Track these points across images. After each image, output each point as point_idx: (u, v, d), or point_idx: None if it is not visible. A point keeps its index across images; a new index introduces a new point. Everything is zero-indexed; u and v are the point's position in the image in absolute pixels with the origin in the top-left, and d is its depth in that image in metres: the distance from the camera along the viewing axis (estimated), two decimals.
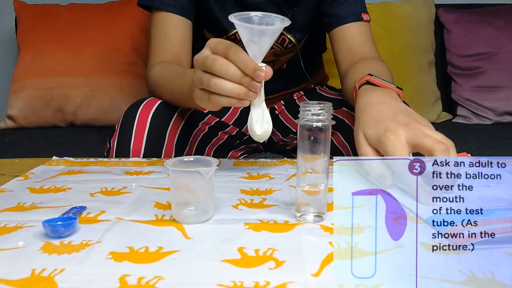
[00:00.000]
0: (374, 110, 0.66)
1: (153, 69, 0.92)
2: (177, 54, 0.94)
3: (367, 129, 0.64)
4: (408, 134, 0.59)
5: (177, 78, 0.82)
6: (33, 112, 1.59)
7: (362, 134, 0.64)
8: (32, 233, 0.51)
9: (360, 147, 0.64)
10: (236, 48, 0.59)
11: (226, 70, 0.59)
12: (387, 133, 0.59)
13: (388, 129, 0.60)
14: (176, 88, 0.83)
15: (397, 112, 0.64)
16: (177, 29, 0.94)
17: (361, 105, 0.69)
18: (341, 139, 0.95)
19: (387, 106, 0.66)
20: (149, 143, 0.84)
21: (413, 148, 0.59)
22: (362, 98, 0.71)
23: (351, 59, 0.97)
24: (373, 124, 0.63)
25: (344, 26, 0.98)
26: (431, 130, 0.60)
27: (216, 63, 0.59)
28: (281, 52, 1.03)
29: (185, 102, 0.82)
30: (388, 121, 0.62)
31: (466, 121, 1.70)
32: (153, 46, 0.96)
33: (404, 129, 0.59)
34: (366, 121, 0.65)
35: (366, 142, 0.64)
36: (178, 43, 0.95)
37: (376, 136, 0.61)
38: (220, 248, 0.47)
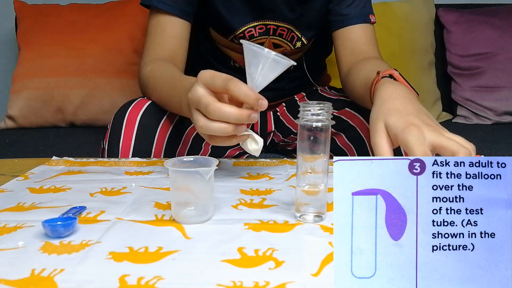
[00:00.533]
0: (398, 102, 0.64)
1: (144, 68, 0.91)
2: (172, 52, 0.94)
3: (390, 117, 0.61)
4: (432, 134, 0.57)
5: (166, 86, 0.82)
6: (33, 112, 1.59)
7: (383, 122, 0.62)
8: (32, 233, 0.51)
9: (375, 135, 0.62)
10: (236, 81, 0.60)
11: (219, 114, 0.60)
12: (411, 127, 0.58)
13: (413, 124, 0.58)
14: (164, 95, 0.83)
15: (420, 112, 0.63)
16: (174, 28, 0.94)
17: (384, 94, 0.67)
18: (345, 140, 0.95)
19: (411, 103, 0.65)
20: (138, 143, 0.84)
21: (434, 149, 0.57)
22: (386, 88, 0.68)
23: (355, 58, 0.97)
24: (398, 115, 0.61)
25: (351, 26, 0.98)
26: (452, 134, 0.59)
27: (209, 109, 0.60)
28: (290, 52, 1.03)
29: (175, 111, 0.82)
30: (412, 117, 0.60)
31: (466, 121, 1.70)
32: (148, 42, 0.96)
33: (428, 128, 0.58)
34: (389, 110, 0.63)
35: (384, 132, 0.61)
36: (174, 41, 0.94)
37: (400, 126, 0.59)
38: (220, 248, 0.47)
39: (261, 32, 0.99)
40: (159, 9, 0.93)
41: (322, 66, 1.25)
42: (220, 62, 1.06)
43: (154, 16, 0.96)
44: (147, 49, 0.95)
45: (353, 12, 0.99)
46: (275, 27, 0.99)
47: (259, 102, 0.59)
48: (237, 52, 1.02)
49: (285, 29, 0.99)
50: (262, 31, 0.99)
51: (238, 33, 0.98)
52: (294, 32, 1.00)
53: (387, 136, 0.61)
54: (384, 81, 0.71)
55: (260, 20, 0.97)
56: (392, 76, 0.73)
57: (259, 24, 0.98)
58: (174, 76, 0.83)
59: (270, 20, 0.98)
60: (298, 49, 1.04)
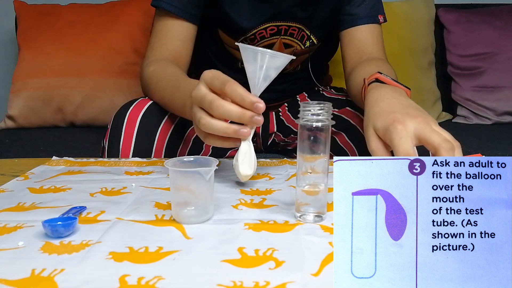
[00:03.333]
0: (383, 103, 0.65)
1: (147, 68, 0.91)
2: (176, 53, 0.93)
3: (377, 121, 0.62)
4: (417, 126, 0.57)
5: (170, 86, 0.82)
6: (33, 112, 1.59)
7: (372, 128, 0.63)
8: (32, 233, 0.51)
9: (369, 141, 0.63)
10: (232, 83, 0.60)
11: (222, 111, 0.60)
12: (395, 123, 0.58)
13: (397, 120, 0.59)
14: (167, 96, 0.83)
15: (407, 106, 0.63)
16: (180, 30, 0.94)
17: (370, 100, 0.69)
18: (346, 139, 0.95)
19: (397, 100, 0.65)
20: (138, 142, 0.84)
21: (419, 141, 0.57)
22: (372, 94, 0.70)
23: (359, 58, 0.97)
24: (383, 116, 0.62)
25: (358, 26, 0.98)
26: (439, 128, 0.59)
27: (213, 105, 0.60)
28: (300, 51, 1.02)
29: (178, 113, 0.82)
30: (397, 113, 0.60)
31: (466, 121, 1.70)
32: (152, 43, 0.96)
33: (413, 121, 0.58)
34: (375, 114, 0.64)
35: (375, 137, 0.62)
36: (179, 43, 0.94)
37: (384, 126, 0.60)
38: (220, 248, 0.47)
39: (272, 33, 0.98)
40: (166, 11, 0.93)
41: (325, 67, 1.25)
42: (226, 63, 1.05)
43: (161, 17, 0.95)
44: (151, 49, 0.95)
45: (362, 11, 0.99)
46: (287, 27, 0.98)
47: (254, 105, 0.59)
48: None
49: (296, 29, 0.99)
50: (273, 32, 0.98)
51: (249, 35, 0.97)
52: (304, 31, 1.00)
53: (380, 140, 0.62)
54: (371, 88, 0.73)
55: (272, 21, 0.97)
56: (379, 80, 0.73)
57: (271, 25, 0.97)
58: (178, 78, 0.83)
59: (281, 21, 0.97)
60: (308, 48, 1.03)
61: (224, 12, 0.95)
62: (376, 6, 1.00)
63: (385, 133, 0.60)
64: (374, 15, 0.99)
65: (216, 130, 0.62)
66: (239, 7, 0.95)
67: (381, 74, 0.74)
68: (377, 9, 1.00)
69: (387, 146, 0.62)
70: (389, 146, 0.61)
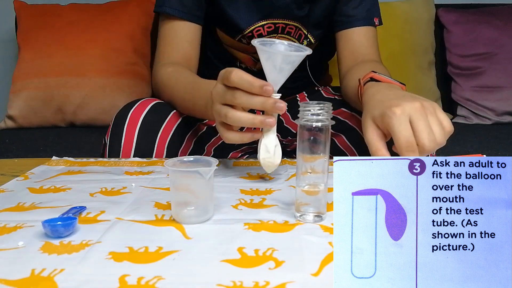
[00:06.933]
0: (379, 95, 0.66)
1: (164, 69, 0.92)
2: (186, 54, 0.95)
3: (374, 111, 0.63)
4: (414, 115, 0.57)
5: (190, 87, 0.83)
6: (33, 112, 1.59)
7: (370, 119, 0.63)
8: (32, 233, 0.51)
9: (366, 133, 0.63)
10: (237, 71, 0.60)
11: (246, 99, 0.61)
12: (393, 108, 0.58)
13: (394, 105, 0.59)
14: (188, 96, 0.83)
15: (404, 95, 0.64)
16: (186, 32, 0.95)
17: (367, 97, 0.70)
18: (345, 141, 0.95)
19: (393, 92, 0.66)
20: (139, 142, 0.84)
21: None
22: (368, 93, 0.71)
23: (354, 60, 0.97)
24: (380, 105, 0.62)
25: (354, 28, 0.99)
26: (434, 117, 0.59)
27: (237, 95, 0.61)
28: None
29: (199, 114, 0.83)
30: (394, 100, 0.61)
31: (466, 121, 1.70)
32: (162, 46, 0.97)
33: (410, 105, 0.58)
34: (373, 105, 0.64)
35: (372, 127, 0.62)
36: (187, 45, 0.95)
37: (382, 112, 0.60)
38: (220, 248, 0.47)
39: (270, 31, 0.99)
40: (169, 15, 0.94)
41: (324, 67, 1.25)
42: (225, 63, 1.05)
43: (166, 21, 0.96)
44: (162, 52, 0.96)
45: (359, 13, 0.99)
46: (284, 25, 0.98)
47: (264, 89, 0.60)
48: (243, 52, 1.02)
49: (293, 27, 0.99)
50: (270, 30, 0.99)
51: (246, 32, 0.98)
52: (301, 30, 1.00)
53: (377, 130, 0.62)
54: (367, 87, 0.74)
55: (269, 19, 0.97)
56: (374, 78, 0.74)
57: (268, 23, 0.97)
58: (197, 79, 0.85)
59: (278, 19, 0.98)
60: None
61: (221, 9, 0.96)
62: (372, 8, 1.00)
63: (383, 119, 0.60)
64: (370, 18, 1.00)
65: (243, 122, 0.63)
66: (235, 4, 0.96)
67: (375, 73, 0.75)
68: (373, 11, 1.01)
69: (384, 136, 0.62)
70: (385, 137, 0.62)
